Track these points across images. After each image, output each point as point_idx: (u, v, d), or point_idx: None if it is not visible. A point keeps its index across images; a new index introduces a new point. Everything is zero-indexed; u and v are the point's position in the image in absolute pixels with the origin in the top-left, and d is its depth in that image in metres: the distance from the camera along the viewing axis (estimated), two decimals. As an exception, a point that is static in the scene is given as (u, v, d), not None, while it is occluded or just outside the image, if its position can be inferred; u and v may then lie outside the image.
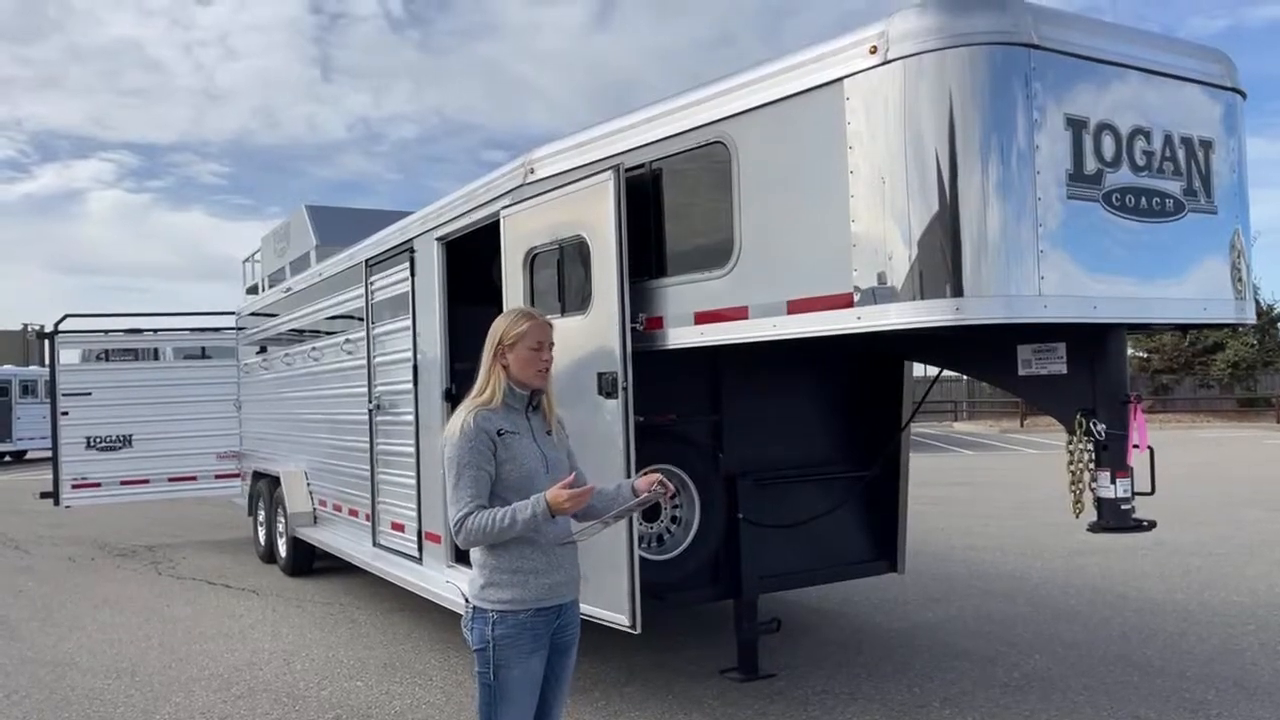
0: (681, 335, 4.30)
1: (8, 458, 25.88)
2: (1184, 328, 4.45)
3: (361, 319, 7.21)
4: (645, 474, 3.08)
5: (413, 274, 6.29)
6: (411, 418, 6.31)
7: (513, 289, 4.97)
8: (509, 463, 2.85)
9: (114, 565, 9.77)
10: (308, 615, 7.33)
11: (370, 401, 6.99)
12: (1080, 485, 3.81)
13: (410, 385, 6.31)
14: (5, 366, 28.50)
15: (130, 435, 10.67)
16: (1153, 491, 3.79)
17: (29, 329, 43.79)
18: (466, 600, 2.93)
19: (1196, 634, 6.18)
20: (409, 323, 6.33)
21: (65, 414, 10.48)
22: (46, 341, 10.76)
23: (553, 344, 3.02)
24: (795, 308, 3.78)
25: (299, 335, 8.90)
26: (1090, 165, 3.51)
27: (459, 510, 2.79)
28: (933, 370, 5.04)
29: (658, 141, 4.40)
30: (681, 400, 5.23)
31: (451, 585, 5.59)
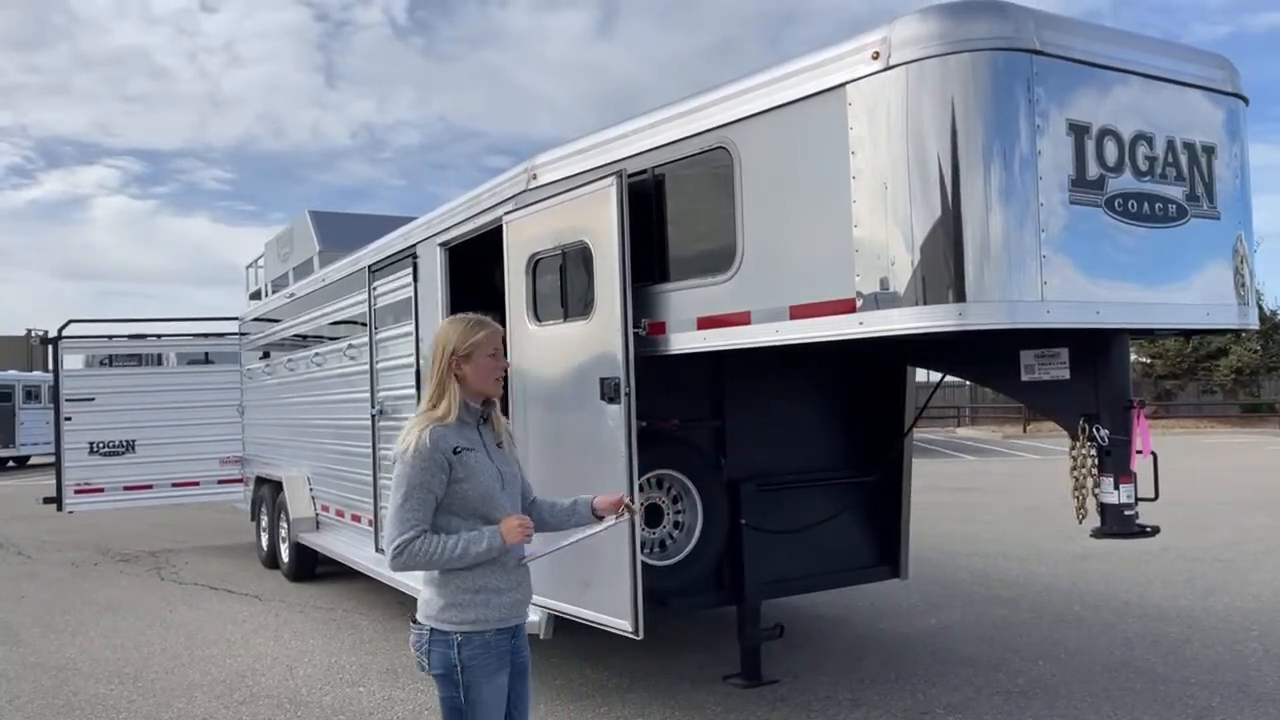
0: (684, 340, 4.30)
1: (11, 463, 25.92)
2: (1187, 333, 4.44)
3: (364, 324, 7.22)
4: (626, 493, 3.04)
5: (415, 279, 6.30)
6: (414, 423, 6.31)
7: (515, 294, 4.98)
8: (466, 481, 2.73)
9: (117, 570, 9.77)
10: (310, 621, 7.32)
11: (373, 407, 6.99)
12: (1083, 491, 3.79)
13: (413, 390, 6.31)
14: (9, 372, 28.54)
15: (133, 440, 10.68)
16: (1156, 497, 3.78)
17: (33, 334, 43.86)
18: (417, 623, 2.81)
19: (1201, 640, 6.16)
20: (412, 328, 6.34)
21: (69, 419, 10.49)
22: (50, 347, 10.78)
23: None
24: (797, 313, 3.78)
25: (302, 340, 8.91)
26: (1093, 170, 3.50)
27: (403, 533, 2.66)
28: (935, 375, 5.03)
29: (660, 147, 4.41)
30: (684, 405, 5.23)
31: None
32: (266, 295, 11.13)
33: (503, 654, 2.79)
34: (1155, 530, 3.78)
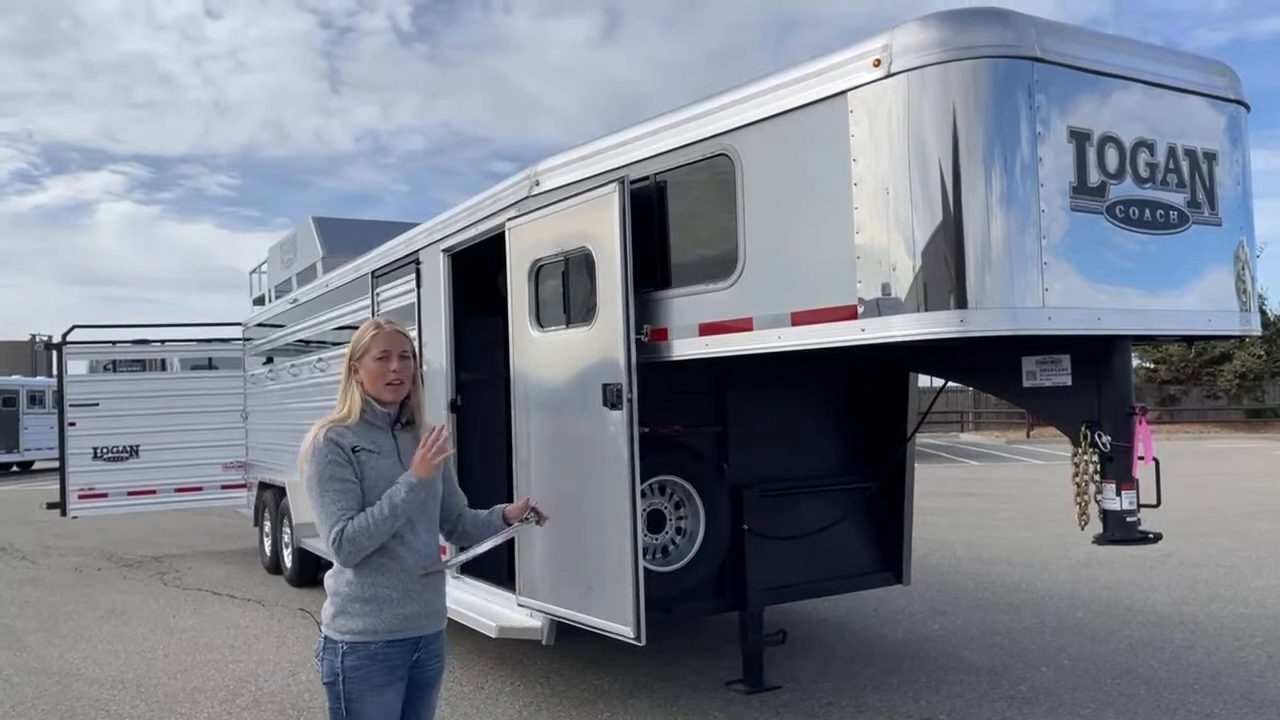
0: (686, 347, 4.30)
1: (15, 468, 25.96)
2: (1188, 339, 4.44)
3: (367, 330, 7.21)
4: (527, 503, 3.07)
5: (419, 285, 6.32)
6: (417, 429, 6.32)
7: (517, 300, 4.99)
8: (363, 481, 2.69)
9: (120, 576, 9.78)
10: (313, 626, 7.32)
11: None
12: (1085, 497, 3.79)
13: (415, 396, 6.31)
14: (13, 377, 28.58)
15: (137, 446, 10.70)
16: (1158, 503, 3.78)
17: (37, 339, 43.91)
18: (320, 632, 2.78)
19: (1204, 647, 6.15)
20: (415, 334, 6.34)
21: (72, 424, 10.52)
22: (54, 352, 10.81)
23: (406, 354, 2.82)
24: (799, 319, 3.79)
25: (305, 346, 8.93)
26: (1094, 177, 3.51)
27: (333, 525, 2.62)
28: (938, 381, 5.04)
29: (663, 154, 4.42)
30: (686, 412, 5.23)
31: (455, 597, 5.59)
32: (270, 301, 11.14)
33: (393, 668, 2.70)
34: (1158, 537, 3.78)
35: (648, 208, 4.44)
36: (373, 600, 2.69)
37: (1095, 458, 3.74)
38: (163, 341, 11.36)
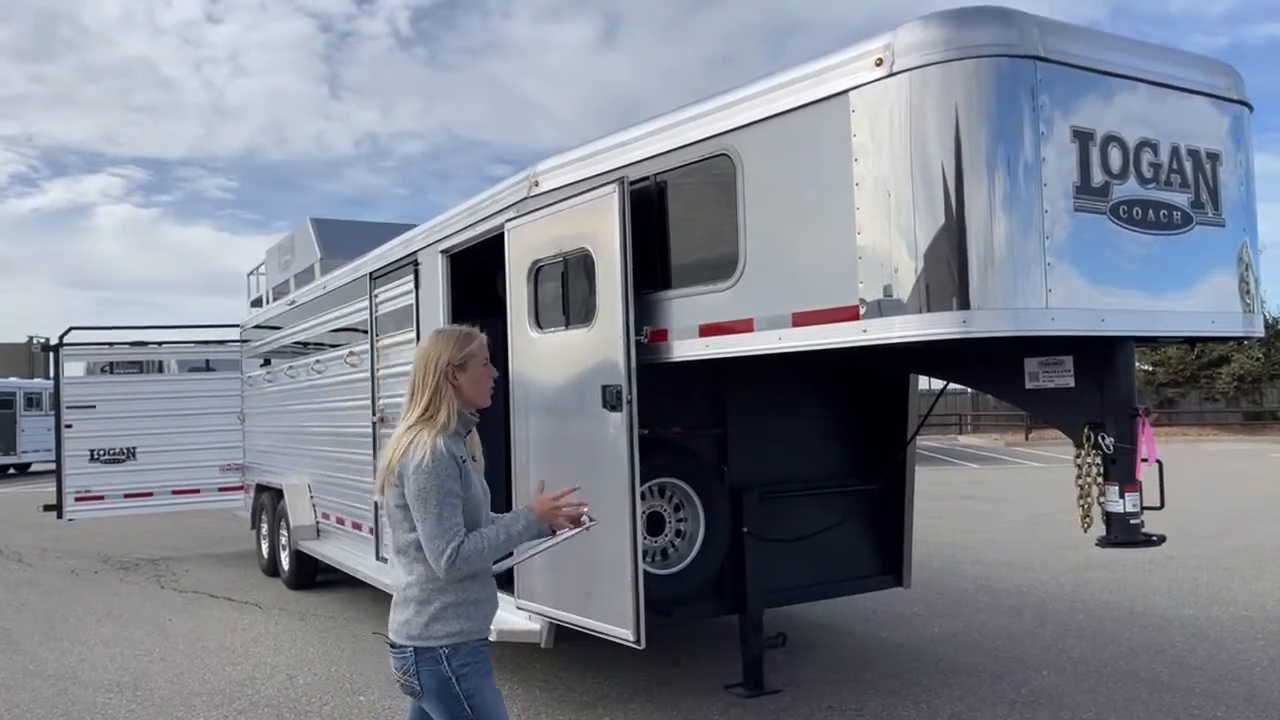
0: (686, 348, 4.28)
1: (12, 470, 25.90)
2: (1192, 341, 4.42)
3: (365, 332, 7.20)
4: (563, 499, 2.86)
5: (417, 287, 6.29)
6: (415, 431, 6.29)
7: (517, 301, 4.96)
8: (466, 491, 2.71)
9: (117, 578, 9.75)
10: (310, 629, 7.30)
11: (374, 414, 6.97)
12: (1088, 499, 3.77)
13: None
14: (10, 379, 28.53)
15: (134, 448, 10.67)
16: (1162, 505, 3.76)
17: (34, 341, 43.83)
18: (397, 647, 2.71)
19: (1205, 649, 6.13)
20: (413, 335, 6.33)
21: (69, 426, 10.48)
22: (51, 354, 10.77)
23: None
24: (800, 320, 3.77)
25: (303, 348, 8.90)
26: (1097, 177, 3.49)
27: (451, 540, 2.61)
28: (937, 383, 5.01)
29: (662, 154, 4.39)
30: (686, 414, 5.21)
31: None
32: (268, 303, 11.11)
33: (488, 659, 2.76)
34: (1161, 539, 3.75)
35: (648, 208, 4.42)
36: (470, 603, 2.72)
37: (1098, 459, 3.72)
38: (160, 343, 11.32)
